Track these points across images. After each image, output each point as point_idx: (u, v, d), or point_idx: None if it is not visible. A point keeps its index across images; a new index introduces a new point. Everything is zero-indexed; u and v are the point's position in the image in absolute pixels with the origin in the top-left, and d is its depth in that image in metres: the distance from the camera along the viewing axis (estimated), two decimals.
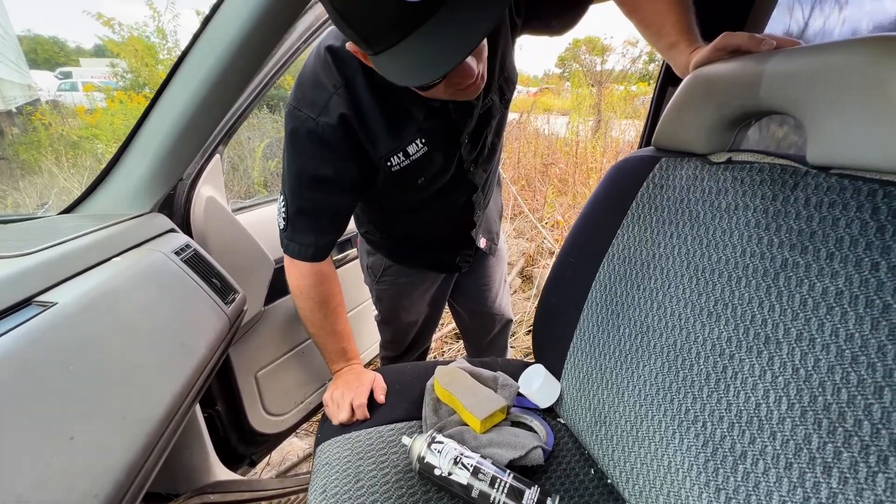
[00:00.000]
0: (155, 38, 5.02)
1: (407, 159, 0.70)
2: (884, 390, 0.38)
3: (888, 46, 0.40)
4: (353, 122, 0.65)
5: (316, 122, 0.64)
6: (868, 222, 0.42)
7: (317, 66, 0.65)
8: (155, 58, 5.00)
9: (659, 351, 0.60)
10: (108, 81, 6.40)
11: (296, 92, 0.67)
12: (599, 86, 5.01)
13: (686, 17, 0.62)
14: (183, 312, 0.61)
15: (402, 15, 0.43)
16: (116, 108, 4.52)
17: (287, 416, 1.19)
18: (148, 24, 4.95)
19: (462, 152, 0.76)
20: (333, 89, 0.63)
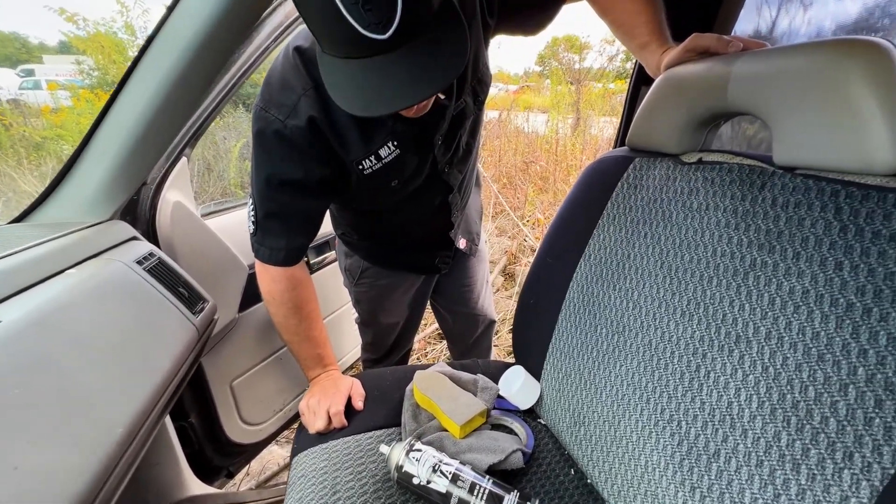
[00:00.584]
0: (123, 35, 4.83)
1: (379, 162, 0.69)
2: (848, 387, 0.38)
3: (847, 49, 0.41)
4: (323, 125, 0.63)
5: (284, 125, 0.62)
6: (831, 222, 0.43)
7: (285, 67, 0.63)
8: (123, 55, 4.81)
9: (635, 351, 0.60)
10: (74, 79, 6.13)
11: (263, 92, 0.65)
12: (578, 84, 5.06)
13: (657, 18, 0.63)
14: (145, 326, 0.58)
15: (357, 41, 0.43)
16: (83, 108, 4.33)
17: (265, 424, 1.16)
18: (115, 19, 4.76)
19: (436, 154, 0.75)
20: (302, 91, 0.62)
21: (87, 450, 0.42)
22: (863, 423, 0.37)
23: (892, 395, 0.36)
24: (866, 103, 0.40)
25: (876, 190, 0.40)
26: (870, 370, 0.37)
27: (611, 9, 0.67)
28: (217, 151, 3.45)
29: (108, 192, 0.67)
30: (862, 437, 0.37)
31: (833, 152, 0.43)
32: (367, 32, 0.42)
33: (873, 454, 0.36)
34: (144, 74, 0.60)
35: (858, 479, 0.37)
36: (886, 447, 0.35)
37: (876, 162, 0.40)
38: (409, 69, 0.45)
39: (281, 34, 0.94)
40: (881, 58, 0.39)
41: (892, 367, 0.36)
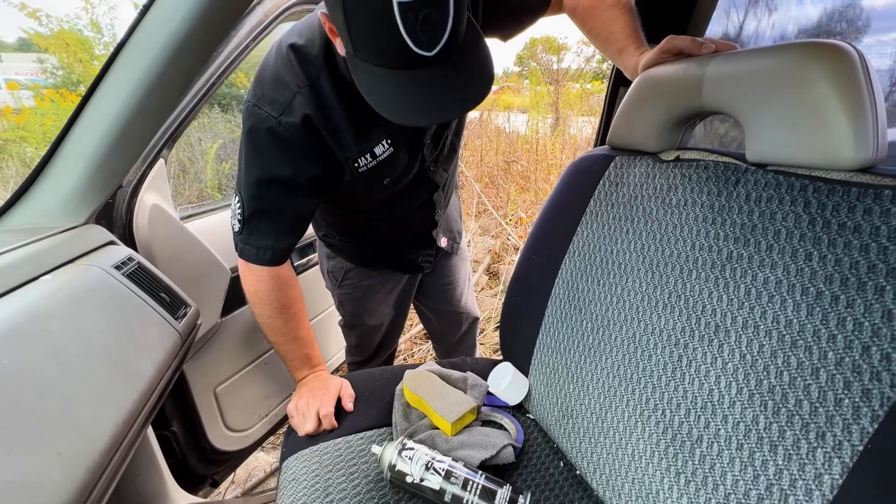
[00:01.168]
0: (89, 32, 4.64)
1: (374, 160, 0.70)
2: (819, 371, 0.41)
3: (813, 52, 0.43)
4: (318, 123, 0.63)
5: (278, 122, 0.62)
6: (801, 215, 0.45)
7: (279, 63, 0.63)
8: (90, 53, 4.61)
9: (620, 343, 0.62)
10: (36, 78, 5.85)
11: (255, 89, 0.64)
12: (557, 84, 5.14)
13: (632, 23, 0.66)
14: (126, 333, 0.56)
15: (403, 55, 0.46)
16: (47, 108, 4.14)
17: (251, 430, 1.13)
18: (80, 16, 4.56)
19: (424, 153, 0.76)
20: (297, 88, 0.62)
21: (69, 462, 0.40)
22: (833, 404, 0.39)
23: (859, 377, 0.38)
24: (830, 103, 0.42)
25: (840, 184, 0.43)
26: (838, 354, 0.40)
27: (588, 19, 0.70)
28: (192, 153, 3.35)
29: (83, 196, 0.65)
30: (833, 417, 0.39)
31: (801, 149, 0.46)
32: (417, 49, 0.45)
33: (843, 433, 0.38)
34: (120, 74, 0.59)
35: (830, 457, 0.39)
36: (855, 426, 0.38)
37: (840, 158, 0.43)
38: (449, 84, 0.49)
39: (261, 33, 0.93)
40: (844, 60, 0.41)
41: (858, 350, 0.38)
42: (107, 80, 0.59)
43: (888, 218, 0.39)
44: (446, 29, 0.45)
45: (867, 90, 0.41)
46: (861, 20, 1.09)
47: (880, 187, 0.40)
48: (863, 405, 0.37)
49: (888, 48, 1.11)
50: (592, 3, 0.69)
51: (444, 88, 0.49)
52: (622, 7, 0.67)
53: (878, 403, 0.37)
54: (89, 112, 0.61)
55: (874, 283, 0.38)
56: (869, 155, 0.42)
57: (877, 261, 0.39)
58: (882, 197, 0.40)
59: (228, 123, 3.98)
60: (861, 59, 0.42)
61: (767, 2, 1.16)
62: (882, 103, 0.42)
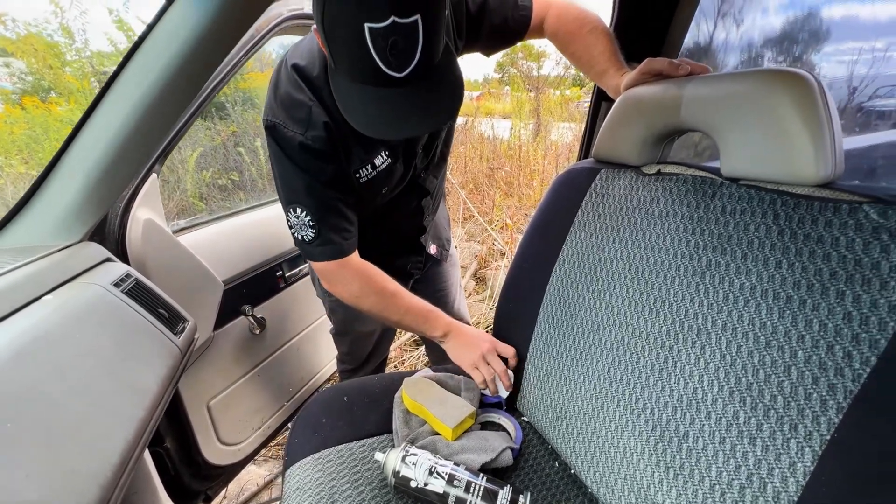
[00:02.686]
0: (59, 37, 4.49)
1: (374, 171, 0.73)
2: (791, 369, 0.45)
3: (777, 79, 0.48)
4: (335, 131, 0.67)
5: (305, 136, 0.66)
6: (771, 226, 0.50)
7: (289, 84, 0.67)
8: (60, 59, 4.47)
9: (609, 347, 0.65)
10: (3, 84, 5.60)
11: (275, 109, 0.67)
12: (537, 91, 5.25)
13: (611, 47, 0.70)
14: (128, 349, 0.57)
15: (376, 75, 0.49)
16: (18, 115, 3.98)
17: (244, 444, 1.13)
18: (50, 20, 4.42)
19: (416, 161, 0.79)
20: (310, 102, 0.66)
21: (84, 480, 0.41)
22: (803, 398, 0.43)
23: (825, 373, 0.42)
24: (794, 125, 0.47)
25: (804, 198, 0.48)
26: (807, 352, 0.44)
27: (570, 44, 0.75)
28: (172, 162, 3.28)
29: (79, 214, 0.65)
30: (803, 409, 0.43)
31: (769, 165, 0.50)
32: (388, 70, 0.49)
33: (813, 424, 0.42)
34: (119, 94, 0.59)
35: (802, 447, 0.43)
36: (822, 417, 0.42)
37: (803, 174, 0.48)
38: (418, 104, 0.52)
39: (252, 47, 0.94)
40: (804, 87, 0.46)
41: (824, 349, 0.43)
42: (106, 101, 0.60)
43: (845, 229, 0.43)
44: (415, 55, 0.49)
45: (825, 114, 0.46)
46: (821, 30, 1.17)
47: (839, 202, 0.45)
48: (829, 398, 0.42)
49: (846, 56, 1.20)
50: (572, 29, 0.73)
51: (413, 107, 0.52)
52: (600, 32, 0.71)
53: (842, 396, 0.41)
54: (88, 132, 0.61)
55: (836, 288, 0.43)
56: (829, 172, 0.46)
57: (837, 268, 0.43)
58: (840, 210, 0.44)
59: (208, 131, 3.92)
60: (819, 86, 0.46)
61: (734, 15, 1.24)
62: (838, 125, 0.47)
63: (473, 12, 0.73)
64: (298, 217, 0.71)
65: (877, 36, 1.12)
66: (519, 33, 0.78)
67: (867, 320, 0.40)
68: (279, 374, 1.24)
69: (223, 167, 3.68)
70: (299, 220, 0.71)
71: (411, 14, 0.46)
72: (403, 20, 0.46)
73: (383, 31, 0.46)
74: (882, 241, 0.41)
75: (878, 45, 1.13)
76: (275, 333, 1.20)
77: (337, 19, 0.48)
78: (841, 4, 1.15)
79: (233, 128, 3.81)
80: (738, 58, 1.27)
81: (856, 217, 0.43)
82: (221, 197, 3.48)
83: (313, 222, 0.70)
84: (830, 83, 1.23)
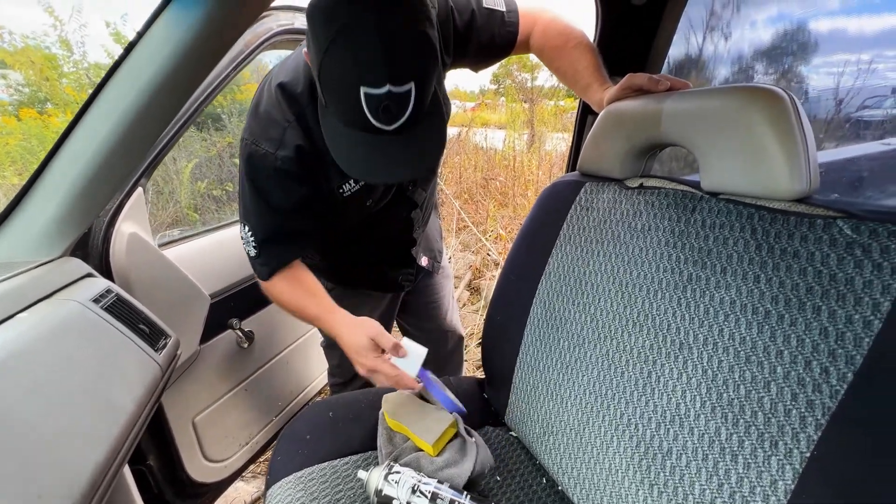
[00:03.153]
0: (57, 49, 4.52)
1: (357, 184, 0.74)
2: (770, 384, 0.45)
3: (752, 95, 0.49)
4: (308, 152, 0.68)
5: (275, 156, 0.67)
6: (749, 240, 0.50)
7: (270, 102, 0.68)
8: (57, 70, 4.49)
9: (595, 361, 0.65)
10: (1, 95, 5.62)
11: (251, 125, 0.69)
12: (531, 102, 5.30)
13: (595, 62, 0.71)
14: (107, 367, 0.56)
15: (365, 124, 0.52)
16: (14, 126, 3.98)
17: (231, 460, 1.11)
18: (48, 33, 4.44)
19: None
20: (286, 123, 0.67)
21: (51, 502, 0.40)
22: (783, 415, 0.43)
23: (804, 389, 0.42)
24: (769, 141, 0.47)
25: (781, 213, 0.48)
26: (785, 368, 0.44)
27: (555, 59, 0.76)
28: (167, 173, 3.28)
29: (60, 228, 0.64)
30: (783, 426, 0.43)
31: (746, 180, 0.51)
32: (377, 124, 0.52)
33: (793, 441, 0.42)
34: (103, 108, 0.59)
35: (783, 464, 0.42)
36: (802, 434, 0.41)
37: (779, 189, 0.48)
38: (403, 152, 0.55)
39: (242, 62, 0.95)
40: (778, 104, 0.47)
41: (802, 364, 0.42)
42: (90, 114, 0.60)
43: (820, 244, 0.43)
44: (405, 115, 0.52)
45: (798, 130, 0.46)
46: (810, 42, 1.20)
47: (814, 216, 0.45)
48: (808, 415, 0.41)
49: (834, 68, 1.22)
50: (557, 45, 0.75)
51: (396, 155, 0.55)
52: (584, 48, 0.72)
53: (821, 413, 0.41)
54: (70, 146, 0.61)
55: (812, 304, 0.43)
56: (804, 187, 0.47)
57: (813, 283, 0.43)
58: (815, 225, 0.45)
59: (204, 142, 3.93)
60: (792, 102, 0.47)
61: (722, 29, 1.26)
62: (812, 141, 0.47)
63: (461, 29, 0.74)
64: (245, 234, 0.74)
65: (863, 48, 1.15)
66: (506, 49, 0.79)
67: (843, 336, 0.40)
68: (268, 387, 1.23)
69: (218, 178, 3.68)
70: (245, 237, 0.75)
71: (406, 82, 0.50)
72: (398, 89, 0.49)
73: (378, 96, 0.49)
74: (855, 257, 0.41)
75: (864, 58, 1.15)
76: (263, 346, 1.19)
77: (333, 76, 0.51)
78: (828, 18, 1.17)
79: (228, 139, 3.81)
80: (727, 70, 1.30)
81: (830, 232, 0.43)
82: (216, 208, 3.48)
83: (256, 243, 0.73)
84: (819, 94, 1.26)
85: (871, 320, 0.39)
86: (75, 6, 4.08)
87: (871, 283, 0.40)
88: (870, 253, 0.40)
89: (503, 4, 0.76)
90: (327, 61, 0.50)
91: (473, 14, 0.73)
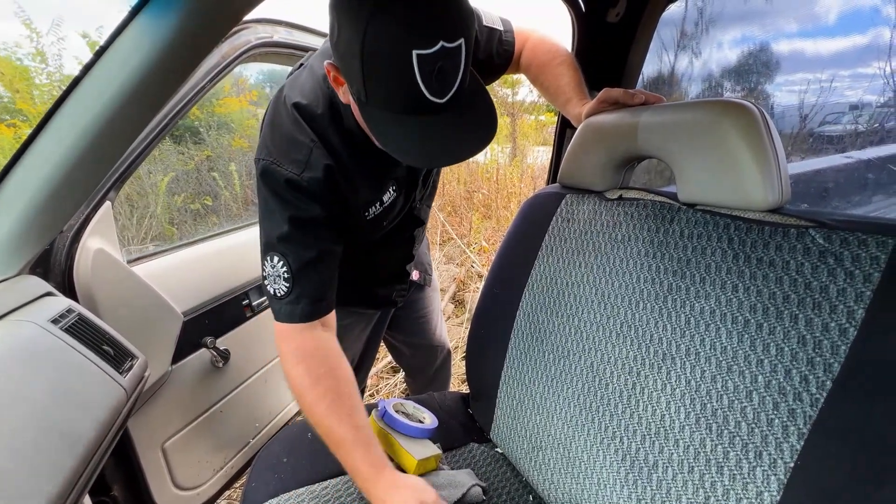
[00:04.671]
0: (29, 62, 4.39)
1: (381, 207, 0.72)
2: (752, 394, 0.45)
3: (723, 109, 0.50)
4: (337, 173, 0.64)
5: (300, 177, 0.61)
6: (726, 251, 0.50)
7: (288, 122, 0.63)
8: (28, 82, 4.36)
9: (579, 373, 0.64)
10: None
11: (269, 147, 0.63)
12: (513, 117, 5.41)
13: (577, 79, 0.73)
14: (63, 393, 0.52)
15: (417, 102, 0.49)
16: None
17: (203, 487, 1.05)
18: (21, 44, 4.32)
19: (416, 193, 0.80)
20: (311, 143, 0.62)
21: None
22: (766, 424, 0.43)
23: (784, 398, 0.42)
24: (741, 153, 0.48)
25: (756, 223, 0.49)
26: (766, 377, 0.44)
27: (540, 75, 0.78)
28: (142, 187, 3.19)
29: (18, 245, 0.61)
30: (767, 436, 0.43)
31: (721, 192, 0.51)
32: (430, 97, 0.48)
33: (776, 451, 0.42)
34: (67, 118, 0.57)
35: (768, 475, 0.42)
36: (785, 444, 0.41)
37: (753, 200, 0.49)
38: (458, 129, 0.52)
39: (217, 75, 0.93)
40: (748, 118, 0.48)
41: (782, 373, 0.43)
42: (52, 124, 0.57)
43: (794, 253, 0.44)
44: (458, 77, 0.49)
45: (769, 142, 0.47)
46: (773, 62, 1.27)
47: (787, 226, 0.46)
48: (790, 424, 0.41)
49: (796, 86, 1.28)
50: (544, 62, 0.77)
51: (454, 132, 0.52)
52: (567, 65, 0.74)
53: (802, 422, 0.41)
54: (31, 156, 0.58)
55: (789, 312, 0.43)
56: (777, 197, 0.48)
57: (789, 291, 0.44)
58: (789, 235, 0.45)
59: (181, 156, 3.84)
60: (762, 116, 0.48)
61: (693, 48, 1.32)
62: (782, 153, 0.48)
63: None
64: (275, 267, 0.63)
65: (821, 68, 1.21)
66: (502, 67, 0.80)
67: (820, 344, 0.41)
68: (244, 408, 1.18)
69: (196, 192, 3.60)
70: (275, 271, 0.64)
71: (457, 38, 0.47)
72: (451, 44, 0.46)
73: (432, 56, 0.46)
74: (828, 266, 0.42)
75: (823, 77, 1.22)
76: (240, 366, 1.14)
77: (381, 49, 0.47)
78: (787, 40, 1.24)
79: (207, 152, 3.74)
80: (698, 88, 1.35)
81: (803, 241, 0.44)
82: (194, 222, 3.39)
83: (289, 274, 0.63)
84: (784, 111, 1.32)
85: (847, 328, 0.39)
86: (55, 19, 3.98)
87: (844, 290, 0.40)
88: (842, 261, 0.41)
89: (500, 23, 0.77)
90: (371, 37, 0.46)
91: (475, 33, 0.74)
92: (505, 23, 0.78)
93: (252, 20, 1.05)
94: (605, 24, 0.90)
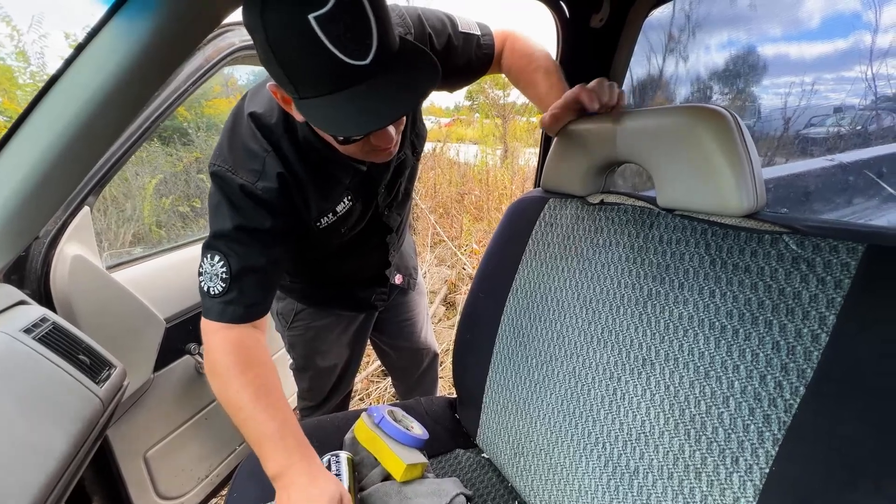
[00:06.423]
0: (12, 61, 4.32)
1: (335, 216, 0.72)
2: (729, 399, 0.45)
3: (698, 115, 0.50)
4: (290, 182, 0.64)
5: (254, 185, 0.62)
6: (704, 256, 0.51)
7: (245, 132, 0.64)
8: (11, 81, 4.29)
9: (562, 378, 0.64)
10: None
11: (225, 154, 0.64)
12: (505, 119, 5.43)
13: (556, 85, 0.73)
14: (34, 405, 0.51)
15: (340, 72, 0.46)
16: None
17: (188, 496, 1.03)
18: (4, 44, 4.25)
19: (378, 200, 0.79)
20: (265, 152, 0.63)
21: None
22: (742, 430, 0.43)
23: (760, 404, 0.42)
24: (717, 159, 0.48)
25: (732, 228, 0.49)
26: (742, 383, 0.44)
27: (520, 79, 0.78)
28: (129, 189, 3.15)
29: None
30: (743, 442, 0.43)
31: (698, 197, 0.52)
32: (350, 60, 0.46)
33: (752, 456, 0.42)
34: (43, 120, 0.55)
35: (744, 481, 0.42)
36: (760, 449, 0.42)
37: (729, 205, 0.49)
38: (392, 88, 0.49)
39: (201, 77, 0.92)
40: (722, 123, 0.48)
41: (757, 379, 0.43)
42: (27, 126, 0.56)
43: (769, 259, 0.45)
44: (373, 34, 0.46)
45: (743, 148, 0.48)
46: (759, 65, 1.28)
47: (762, 232, 0.47)
48: (765, 430, 0.42)
49: (781, 89, 1.30)
50: (522, 66, 0.77)
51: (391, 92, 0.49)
52: (542, 71, 0.75)
53: (777, 427, 0.41)
54: (4, 159, 0.56)
55: (764, 318, 0.44)
56: (752, 203, 0.48)
57: (764, 297, 0.44)
58: (763, 241, 0.46)
59: (169, 157, 3.80)
60: (735, 122, 0.49)
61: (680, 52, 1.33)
62: (756, 158, 0.49)
63: (439, 50, 0.74)
64: (213, 266, 0.63)
65: (805, 71, 1.23)
66: (481, 70, 0.81)
67: (794, 350, 0.41)
68: None
69: (185, 194, 3.55)
70: (213, 269, 0.63)
71: None
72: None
73: (329, 14, 0.43)
74: (801, 272, 0.42)
75: (807, 80, 1.24)
76: None
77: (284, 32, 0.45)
78: (772, 44, 1.26)
79: (196, 153, 3.70)
80: (686, 91, 1.37)
81: (777, 247, 0.44)
82: (182, 224, 3.35)
83: (228, 275, 0.62)
84: (770, 114, 1.34)
85: (819, 334, 0.40)
86: (35, 16, 3.92)
87: (816, 297, 0.41)
88: (814, 267, 0.41)
89: (477, 28, 0.77)
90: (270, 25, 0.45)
91: (450, 38, 0.74)
92: (482, 27, 0.78)
93: (236, 23, 1.04)
94: (590, 29, 0.90)
